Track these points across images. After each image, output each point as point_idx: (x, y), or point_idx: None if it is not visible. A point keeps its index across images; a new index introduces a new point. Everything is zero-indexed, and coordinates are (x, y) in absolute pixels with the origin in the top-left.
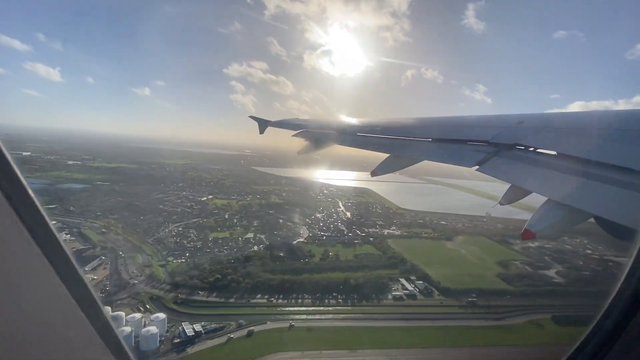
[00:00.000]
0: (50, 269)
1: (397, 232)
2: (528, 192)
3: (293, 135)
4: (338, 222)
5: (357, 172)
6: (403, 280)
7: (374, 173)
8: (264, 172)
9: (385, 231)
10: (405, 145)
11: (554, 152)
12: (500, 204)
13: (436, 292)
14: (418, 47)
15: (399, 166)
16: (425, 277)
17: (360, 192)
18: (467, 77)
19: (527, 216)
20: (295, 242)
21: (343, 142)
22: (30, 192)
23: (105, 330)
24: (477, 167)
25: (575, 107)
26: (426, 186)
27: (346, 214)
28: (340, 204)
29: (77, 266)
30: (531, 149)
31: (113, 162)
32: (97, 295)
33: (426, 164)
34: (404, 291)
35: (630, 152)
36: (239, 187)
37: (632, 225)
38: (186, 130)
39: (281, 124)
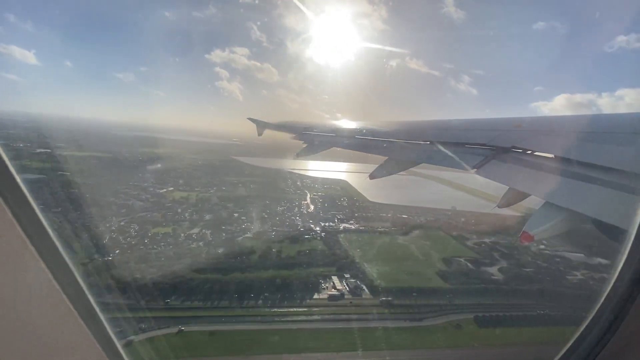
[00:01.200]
0: (45, 271)
1: (353, 227)
2: (526, 195)
3: (292, 138)
4: (296, 217)
5: (351, 164)
6: (335, 279)
7: (372, 176)
8: (244, 163)
9: (342, 225)
10: (403, 148)
11: (551, 155)
12: (498, 206)
13: (366, 291)
14: (398, 35)
15: (397, 169)
16: (360, 275)
17: (336, 184)
18: (451, 68)
19: (496, 210)
20: (240, 238)
21: (342, 145)
22: (26, 191)
23: (100, 332)
24: (474, 170)
25: (561, 99)
26: (408, 178)
27: (309, 208)
28: (308, 197)
29: (73, 268)
30: (528, 151)
31: (87, 150)
32: (93, 299)
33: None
34: (331, 291)
35: (627, 155)
36: (208, 179)
37: (630, 227)
38: (176, 118)
39: (279, 127)
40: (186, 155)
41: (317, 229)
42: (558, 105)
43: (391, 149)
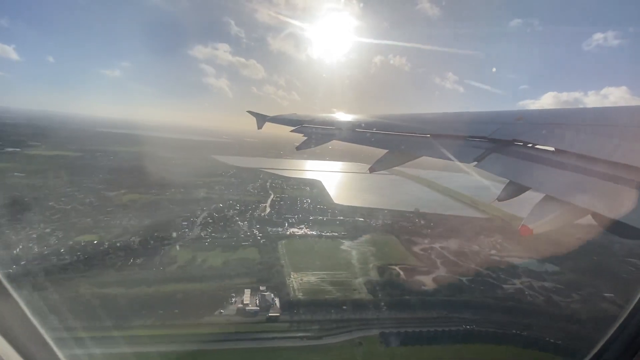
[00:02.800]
0: None
1: (301, 232)
2: (526, 188)
3: (291, 131)
4: (244, 221)
5: (347, 163)
6: (247, 292)
7: (372, 169)
8: (222, 162)
9: (290, 230)
10: (403, 141)
11: (552, 149)
12: (499, 199)
13: (275, 306)
14: (374, 31)
15: (397, 162)
16: (280, 287)
17: (308, 184)
18: (435, 65)
19: (463, 211)
20: (168, 244)
21: (341, 138)
22: None
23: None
24: (475, 163)
25: (548, 97)
26: (390, 178)
27: (265, 211)
28: (270, 199)
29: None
30: (529, 145)
31: (58, 149)
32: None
33: (423, 159)
34: (238, 305)
35: (628, 149)
36: (172, 180)
37: (630, 222)
38: (167, 114)
39: (279, 120)
40: (163, 154)
41: (260, 234)
42: (545, 103)
43: (391, 142)
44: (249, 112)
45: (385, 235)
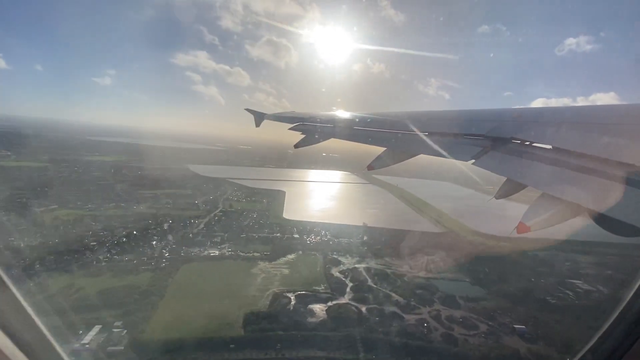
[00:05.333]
0: None
1: (218, 253)
2: (524, 186)
3: (289, 129)
4: (163, 240)
5: (338, 172)
6: (96, 329)
7: (370, 167)
8: (193, 172)
9: (207, 252)
10: (401, 139)
11: (549, 146)
12: (496, 197)
13: (120, 348)
14: (356, 37)
15: (395, 160)
16: (139, 323)
17: (267, 196)
18: (414, 71)
19: (419, 225)
20: (53, 269)
21: (340, 136)
22: None
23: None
24: (473, 161)
25: (538, 104)
26: (368, 187)
27: (198, 227)
28: (213, 213)
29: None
30: (527, 142)
31: (27, 159)
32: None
33: (421, 158)
34: (74, 346)
35: (626, 147)
36: (124, 193)
37: (628, 220)
38: (167, 122)
39: (277, 117)
40: (137, 164)
41: (168, 256)
42: None
43: (389, 140)
44: (247, 109)
45: (311, 255)
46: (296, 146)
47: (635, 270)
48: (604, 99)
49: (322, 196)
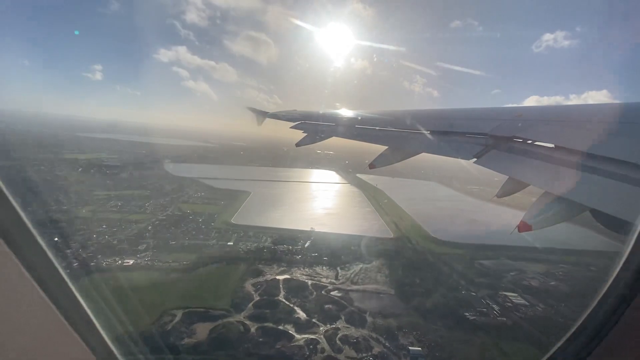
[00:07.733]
0: (24, 271)
1: (132, 262)
2: (525, 185)
3: (291, 127)
4: (80, 249)
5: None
6: None
7: (371, 165)
8: (165, 171)
9: (121, 262)
10: (403, 137)
11: (551, 145)
12: (497, 196)
13: None
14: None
15: (397, 158)
16: None
17: (229, 197)
18: (398, 69)
19: (373, 230)
20: None
21: (341, 135)
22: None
23: (89, 332)
24: (474, 159)
25: (531, 102)
26: (347, 188)
27: (129, 233)
28: (157, 217)
29: (59, 267)
30: (529, 141)
31: (3, 159)
32: (79, 295)
33: (422, 156)
34: None
35: (627, 145)
36: (73, 194)
37: (628, 218)
38: (166, 118)
39: (278, 116)
40: (110, 162)
41: (74, 265)
42: None
43: (391, 138)
44: (249, 108)
45: (234, 264)
46: (298, 145)
47: (586, 280)
48: (596, 97)
49: (287, 198)
